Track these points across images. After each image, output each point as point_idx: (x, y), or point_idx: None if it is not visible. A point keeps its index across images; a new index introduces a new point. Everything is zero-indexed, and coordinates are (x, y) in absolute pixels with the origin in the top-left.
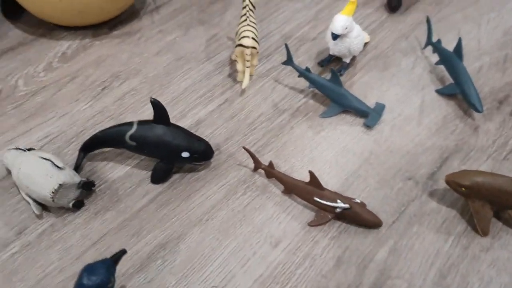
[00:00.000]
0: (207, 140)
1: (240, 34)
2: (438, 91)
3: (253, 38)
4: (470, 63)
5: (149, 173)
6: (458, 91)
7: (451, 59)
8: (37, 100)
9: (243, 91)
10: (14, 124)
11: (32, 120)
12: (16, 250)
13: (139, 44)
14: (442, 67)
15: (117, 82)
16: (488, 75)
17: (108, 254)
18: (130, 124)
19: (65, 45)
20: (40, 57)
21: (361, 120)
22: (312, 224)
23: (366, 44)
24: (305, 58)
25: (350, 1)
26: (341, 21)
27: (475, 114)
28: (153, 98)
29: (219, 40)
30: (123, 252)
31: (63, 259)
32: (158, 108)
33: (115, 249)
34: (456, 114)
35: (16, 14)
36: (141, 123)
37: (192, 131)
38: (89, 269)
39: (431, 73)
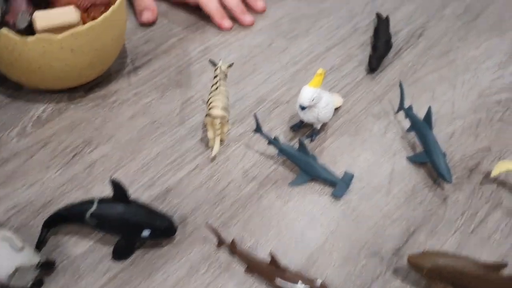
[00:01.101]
0: (173, 211)
1: (210, 104)
2: (409, 159)
3: (222, 108)
4: (442, 128)
5: (112, 248)
6: (428, 160)
7: (421, 128)
8: (8, 168)
9: (213, 158)
10: None
11: (1, 190)
12: None
13: (113, 108)
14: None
15: (89, 148)
16: (461, 140)
17: None
18: (91, 201)
19: (40, 108)
20: (15, 122)
21: (330, 189)
22: None
23: (338, 108)
24: (278, 122)
25: (317, 73)
26: (308, 93)
27: (445, 184)
28: (113, 178)
29: (194, 103)
30: None
31: None
32: (117, 187)
33: None
34: (426, 183)
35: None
36: (101, 201)
37: (159, 201)
38: None
39: (403, 139)
